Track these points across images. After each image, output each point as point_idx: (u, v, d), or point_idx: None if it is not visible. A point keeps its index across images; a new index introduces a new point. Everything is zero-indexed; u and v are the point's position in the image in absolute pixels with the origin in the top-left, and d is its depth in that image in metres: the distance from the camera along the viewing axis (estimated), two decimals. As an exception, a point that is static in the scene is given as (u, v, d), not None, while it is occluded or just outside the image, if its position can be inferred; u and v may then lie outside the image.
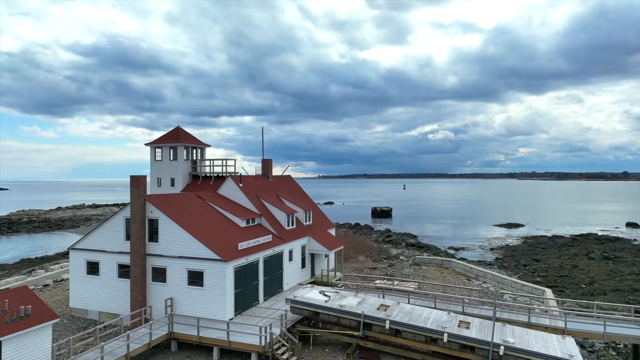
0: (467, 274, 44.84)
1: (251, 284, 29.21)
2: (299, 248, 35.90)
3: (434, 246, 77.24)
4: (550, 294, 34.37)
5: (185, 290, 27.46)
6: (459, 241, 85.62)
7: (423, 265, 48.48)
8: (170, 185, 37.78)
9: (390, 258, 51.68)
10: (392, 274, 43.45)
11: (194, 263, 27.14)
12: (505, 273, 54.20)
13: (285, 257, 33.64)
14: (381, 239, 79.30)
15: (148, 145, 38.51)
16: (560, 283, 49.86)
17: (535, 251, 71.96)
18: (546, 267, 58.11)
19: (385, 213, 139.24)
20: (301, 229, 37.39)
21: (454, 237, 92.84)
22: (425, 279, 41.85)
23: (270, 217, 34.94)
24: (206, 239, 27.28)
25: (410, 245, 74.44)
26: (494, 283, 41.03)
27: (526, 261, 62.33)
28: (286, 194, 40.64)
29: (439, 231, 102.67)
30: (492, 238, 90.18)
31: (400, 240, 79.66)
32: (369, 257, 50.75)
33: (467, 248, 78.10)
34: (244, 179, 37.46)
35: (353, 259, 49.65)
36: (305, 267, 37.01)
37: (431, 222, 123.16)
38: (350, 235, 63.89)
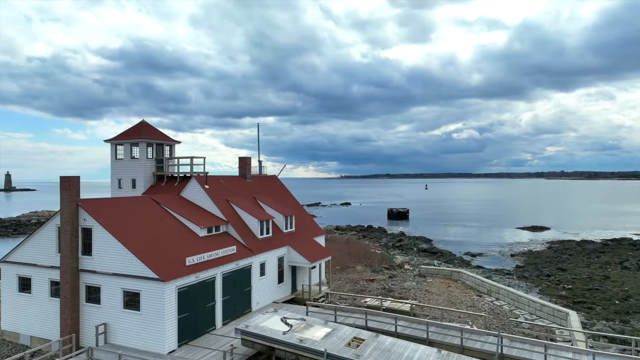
0: (478, 288, 38.98)
1: (204, 306, 24.30)
2: (274, 260, 30.85)
3: (449, 252, 71.07)
4: (576, 319, 28.33)
5: (121, 314, 22.74)
6: (478, 246, 79.10)
7: (429, 277, 42.80)
8: (132, 187, 33.22)
9: (393, 268, 46.13)
10: (390, 288, 37.98)
11: (130, 282, 22.40)
12: (525, 284, 48.02)
13: (254, 271, 28.64)
14: (391, 244, 73.61)
15: (108, 142, 34.06)
16: (589, 298, 43.35)
17: (560, 258, 65.05)
18: (573, 278, 51.46)
19: (401, 215, 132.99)
20: (279, 237, 32.32)
21: (473, 241, 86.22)
22: (428, 294, 36.23)
23: (239, 225, 29.99)
24: (144, 253, 22.47)
25: (422, 251, 68.51)
26: (509, 300, 35.10)
27: (550, 270, 55.69)
28: (266, 197, 35.64)
29: (457, 235, 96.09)
30: (514, 242, 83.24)
31: (412, 245, 73.79)
32: (368, 267, 45.36)
33: (486, 254, 71.65)
34: (213, 180, 32.62)
35: (350, 269, 44.33)
36: (283, 281, 31.94)
37: (450, 224, 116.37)
38: (353, 241, 58.51)
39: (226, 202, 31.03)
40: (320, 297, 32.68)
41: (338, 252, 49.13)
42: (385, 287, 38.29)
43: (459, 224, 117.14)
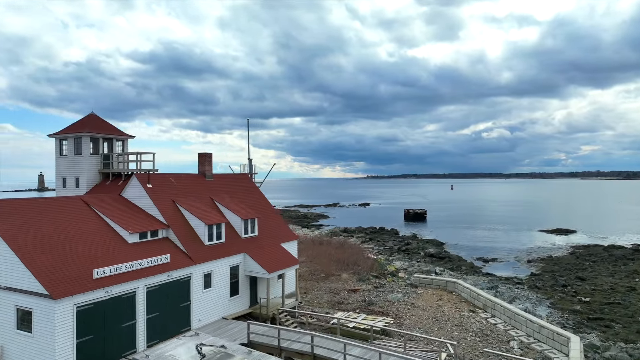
0: (473, 301, 34.10)
1: (118, 326, 20.61)
2: (225, 269, 26.98)
3: (459, 257, 65.73)
4: (577, 347, 23.30)
5: (14, 335, 19.33)
6: (494, 250, 73.26)
7: (421, 288, 38.12)
8: (75, 187, 29.99)
9: (384, 276, 41.60)
10: (371, 301, 33.55)
11: (23, 298, 18.96)
12: (535, 296, 42.67)
13: (195, 283, 24.84)
14: (397, 247, 68.77)
15: (52, 137, 30.96)
16: (608, 314, 37.74)
17: (582, 265, 58.87)
18: (592, 289, 45.64)
19: (419, 216, 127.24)
20: (235, 243, 28.42)
21: (490, 245, 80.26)
22: (413, 309, 31.63)
23: (183, 229, 26.25)
24: (40, 264, 18.95)
25: (429, 256, 63.44)
26: (505, 318, 30.15)
27: (567, 279, 49.87)
28: (227, 198, 31.75)
29: (474, 238, 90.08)
30: (534, 247, 76.91)
31: (420, 248, 68.74)
32: (356, 275, 41.00)
33: (500, 259, 65.94)
34: (162, 178, 29.00)
35: (335, 277, 40.08)
36: (239, 294, 28.04)
37: (469, 226, 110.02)
38: (347, 245, 54.16)
39: (172, 204, 27.36)
40: (281, 312, 28.60)
41: (325, 258, 44.99)
42: (366, 299, 33.89)
43: (479, 226, 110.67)
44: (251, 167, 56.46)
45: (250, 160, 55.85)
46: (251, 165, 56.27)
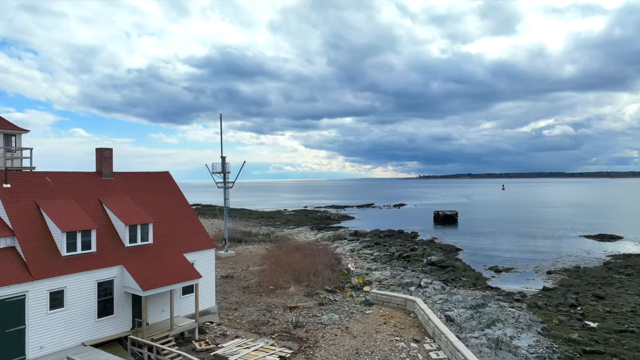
0: (426, 327, 27.70)
1: None
2: (90, 285, 22.60)
3: (466, 266, 58.14)
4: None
5: None
6: (515, 259, 64.71)
7: (377, 305, 32.04)
8: (-47, 187, 26.77)
9: (342, 289, 35.75)
10: (298, 323, 27.99)
11: None
12: (528, 318, 35.13)
13: (34, 303, 20.56)
14: (399, 254, 62.04)
15: None
16: (613, 345, 29.84)
17: (610, 279, 49.67)
18: (606, 311, 37.29)
19: (449, 218, 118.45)
20: (113, 253, 23.96)
21: (514, 251, 71.41)
22: (341, 336, 25.78)
23: (35, 237, 22.13)
24: None
25: (430, 264, 56.39)
26: (448, 353, 23.65)
27: (581, 297, 41.50)
28: (121, 200, 27.25)
29: (500, 243, 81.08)
30: (565, 255, 67.33)
31: (426, 255, 61.64)
32: (309, 287, 35.48)
33: (517, 269, 57.65)
34: (33, 177, 25.06)
35: (281, 291, 34.81)
36: (114, 314, 23.59)
37: (501, 230, 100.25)
38: (313, 251, 48.58)
39: (34, 207, 23.34)
40: (165, 338, 23.82)
41: (287, 267, 39.83)
42: (292, 321, 28.39)
43: (513, 230, 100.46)
44: (224, 165, 52.40)
45: (224, 159, 51.82)
46: (224, 163, 52.22)
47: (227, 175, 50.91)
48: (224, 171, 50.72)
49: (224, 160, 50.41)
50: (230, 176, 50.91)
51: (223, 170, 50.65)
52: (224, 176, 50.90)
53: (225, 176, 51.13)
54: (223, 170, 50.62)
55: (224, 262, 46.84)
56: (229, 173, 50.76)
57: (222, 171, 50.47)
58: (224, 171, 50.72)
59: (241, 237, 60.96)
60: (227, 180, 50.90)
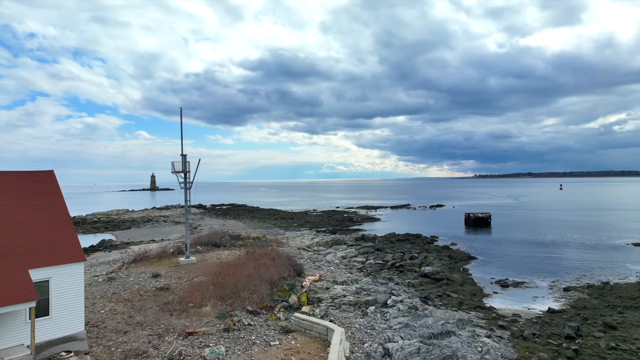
0: (331, 367, 21.64)
1: None
2: None
3: (467, 279, 50.40)
4: None
5: None
6: (532, 270, 55.95)
7: (298, 333, 26.25)
8: None
9: (267, 310, 30.11)
10: (173, 357, 22.82)
11: None
12: (509, 351, 27.81)
13: None
14: (392, 263, 55.15)
15: None
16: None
17: (638, 302, 40.43)
18: (609, 349, 29.02)
19: (480, 221, 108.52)
20: None
21: (537, 261, 62.21)
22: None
23: None
24: None
25: (423, 276, 49.26)
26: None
27: (588, 325, 33.26)
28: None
29: (525, 251, 71.57)
30: (596, 267, 57.45)
31: (422, 264, 54.38)
32: (230, 307, 30.17)
33: (528, 284, 49.19)
34: None
35: (195, 310, 29.76)
36: None
37: (536, 235, 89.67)
38: (288, 262, 42.95)
39: None
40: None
41: (231, 279, 34.82)
42: (167, 354, 23.21)
43: (551, 235, 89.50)
44: (185, 164, 48.31)
45: (184, 157, 47.62)
46: (185, 162, 48.11)
47: (188, 174, 46.61)
48: (184, 170, 46.39)
49: (184, 159, 46.09)
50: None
51: (183, 169, 46.33)
52: (185, 176, 46.61)
53: (187, 176, 46.81)
54: (183, 169, 46.30)
55: (176, 271, 42.56)
56: (188, 172, 46.44)
57: (182, 170, 46.16)
58: (184, 170, 46.39)
59: (221, 242, 56.53)
60: (187, 179, 46.61)
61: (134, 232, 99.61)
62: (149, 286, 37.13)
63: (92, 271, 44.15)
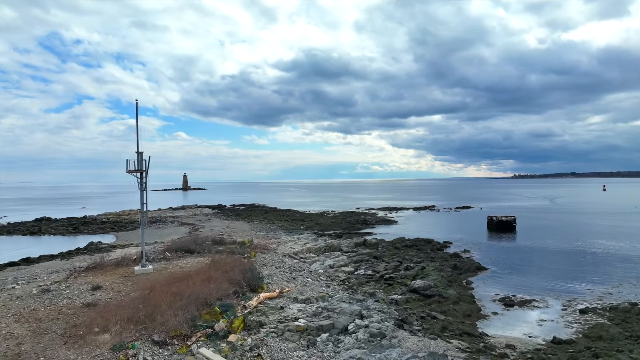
0: None
1: None
2: None
3: (468, 295, 43.48)
4: None
5: None
6: (546, 286, 48.27)
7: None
8: None
9: (179, 340, 24.78)
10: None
11: None
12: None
13: None
14: (380, 275, 48.70)
15: None
16: None
17: (669, 332, 32.60)
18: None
19: (504, 225, 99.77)
20: None
21: (556, 274, 54.22)
22: None
23: None
24: None
25: (412, 292, 42.75)
26: None
27: None
28: None
29: (545, 261, 63.29)
30: (625, 284, 49.04)
31: (416, 276, 47.74)
32: (136, 335, 25.03)
33: (537, 302, 41.81)
34: None
35: (93, 338, 24.79)
36: None
37: (565, 242, 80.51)
38: (224, 272, 37.44)
39: None
40: None
41: (164, 298, 29.79)
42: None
43: (583, 243, 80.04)
44: (141, 162, 43.51)
45: (140, 154, 42.72)
46: (141, 160, 43.31)
47: (145, 174, 41.86)
48: (140, 169, 41.60)
49: (140, 157, 41.23)
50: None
51: (139, 168, 41.53)
52: (141, 175, 41.81)
53: (143, 175, 42.00)
54: (139, 167, 41.49)
55: (123, 283, 37.91)
56: (144, 172, 41.68)
57: (137, 169, 41.41)
58: (140, 169, 41.60)
59: (195, 248, 51.75)
60: (144, 180, 41.85)
61: (136, 234, 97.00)
62: (77, 302, 32.56)
63: (37, 281, 40.21)
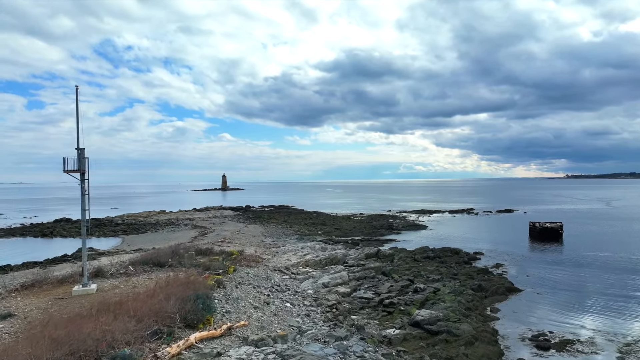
0: None
1: None
2: None
3: (487, 332, 33.51)
4: None
5: None
6: (608, 320, 37.50)
7: None
8: None
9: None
10: None
11: None
12: None
13: None
14: (379, 299, 39.54)
15: None
16: None
17: None
18: None
19: (548, 233, 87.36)
20: None
21: (620, 302, 43.00)
22: None
23: None
24: None
25: (413, 325, 33.43)
26: None
27: None
28: None
29: (606, 281, 51.74)
30: None
31: (426, 303, 38.30)
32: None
33: (582, 346, 31.37)
34: None
35: None
36: None
37: (627, 256, 67.84)
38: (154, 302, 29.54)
39: None
40: None
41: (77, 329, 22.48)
42: None
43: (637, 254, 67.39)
44: (82, 160, 36.18)
45: (81, 151, 35.56)
46: (81, 158, 36.06)
47: (86, 174, 34.78)
48: (80, 169, 34.43)
49: (81, 154, 34.10)
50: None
51: (79, 168, 34.36)
52: (81, 177, 34.69)
53: (84, 177, 34.85)
54: (79, 167, 34.32)
55: (49, 307, 31.12)
56: (84, 172, 34.56)
57: (77, 169, 34.29)
58: (80, 169, 34.43)
59: (166, 261, 44.62)
60: (85, 182, 34.75)
61: (144, 238, 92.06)
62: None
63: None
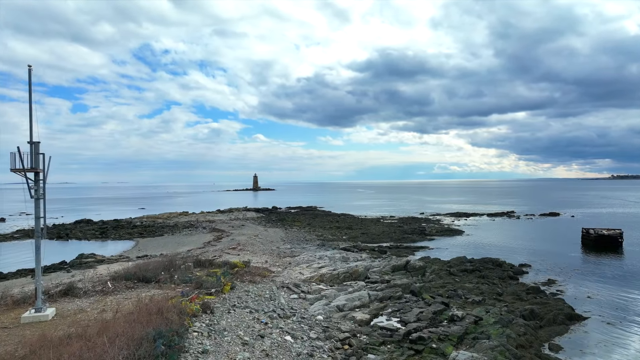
0: None
1: None
2: None
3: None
4: None
5: None
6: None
7: None
8: None
9: None
10: None
11: None
12: None
13: None
14: (409, 330, 31.49)
15: None
16: None
17: None
18: None
19: (606, 241, 76.50)
20: None
21: None
22: None
23: None
24: None
25: None
26: None
27: None
28: None
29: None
30: None
31: (461, 336, 30.06)
32: None
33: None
34: None
35: None
36: None
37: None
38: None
39: None
40: None
41: None
42: None
43: None
44: (35, 157, 29.41)
45: (34, 146, 28.82)
46: (34, 154, 29.29)
47: (40, 174, 28.28)
48: (33, 168, 27.90)
49: (34, 149, 27.55)
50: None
51: (32, 166, 27.84)
52: (35, 176, 28.20)
53: (39, 177, 28.35)
54: (32, 165, 27.79)
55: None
56: (41, 171, 28.06)
57: (30, 167, 27.78)
58: (33, 168, 27.90)
59: (153, 277, 38.07)
60: (39, 182, 28.24)
61: (157, 241, 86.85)
62: None
63: None
